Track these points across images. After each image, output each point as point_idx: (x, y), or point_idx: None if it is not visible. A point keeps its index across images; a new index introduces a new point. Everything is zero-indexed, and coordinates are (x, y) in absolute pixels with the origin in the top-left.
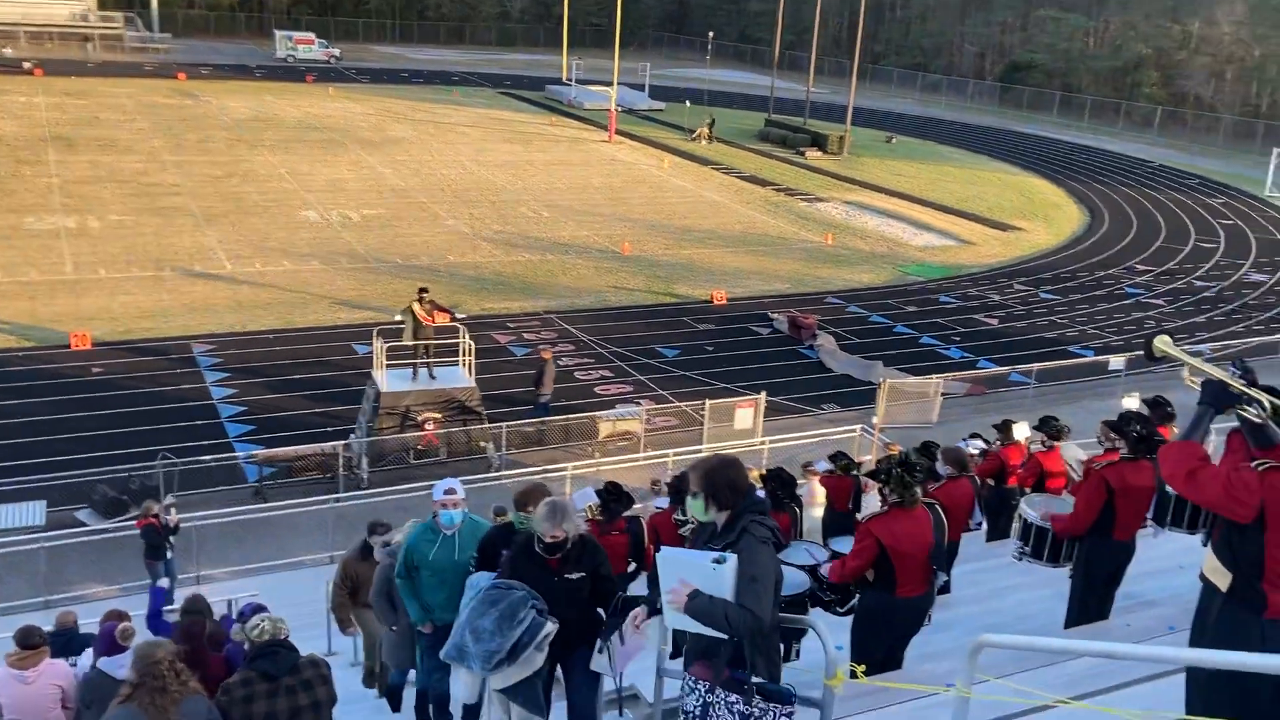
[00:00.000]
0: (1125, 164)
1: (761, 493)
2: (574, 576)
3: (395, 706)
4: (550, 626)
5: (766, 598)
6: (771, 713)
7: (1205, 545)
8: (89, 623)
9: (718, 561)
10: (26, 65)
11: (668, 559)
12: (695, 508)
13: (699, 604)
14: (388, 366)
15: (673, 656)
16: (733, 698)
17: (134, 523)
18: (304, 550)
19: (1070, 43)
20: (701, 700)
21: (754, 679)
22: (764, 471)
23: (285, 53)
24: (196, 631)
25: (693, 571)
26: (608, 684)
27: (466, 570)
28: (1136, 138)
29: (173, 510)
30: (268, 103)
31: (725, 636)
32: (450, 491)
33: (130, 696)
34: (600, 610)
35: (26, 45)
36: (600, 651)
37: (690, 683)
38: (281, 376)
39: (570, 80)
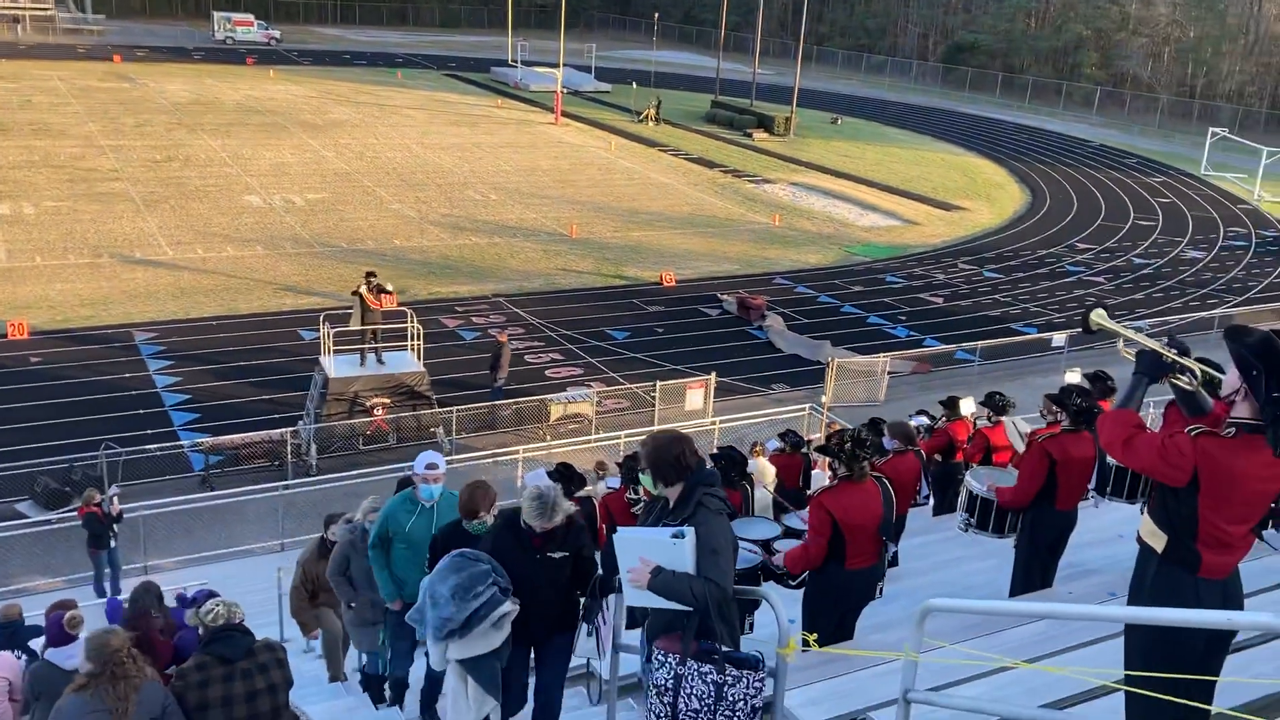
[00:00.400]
0: (1066, 144)
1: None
2: (556, 555)
3: (379, 697)
4: (509, 606)
5: (728, 567)
6: (745, 679)
7: (1142, 512)
8: (34, 614)
9: (677, 536)
10: None
11: (625, 539)
12: (646, 482)
13: (663, 580)
14: (335, 352)
15: (629, 627)
16: (705, 668)
17: (75, 512)
18: (253, 538)
19: (1012, 23)
20: (672, 673)
21: (722, 648)
22: (714, 451)
23: (224, 34)
24: (144, 620)
25: (652, 549)
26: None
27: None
28: (1077, 118)
29: (115, 498)
30: (207, 85)
31: (689, 609)
32: (431, 466)
33: (86, 685)
34: (580, 594)
35: None
36: (589, 635)
37: (660, 657)
38: (226, 364)
39: (515, 62)
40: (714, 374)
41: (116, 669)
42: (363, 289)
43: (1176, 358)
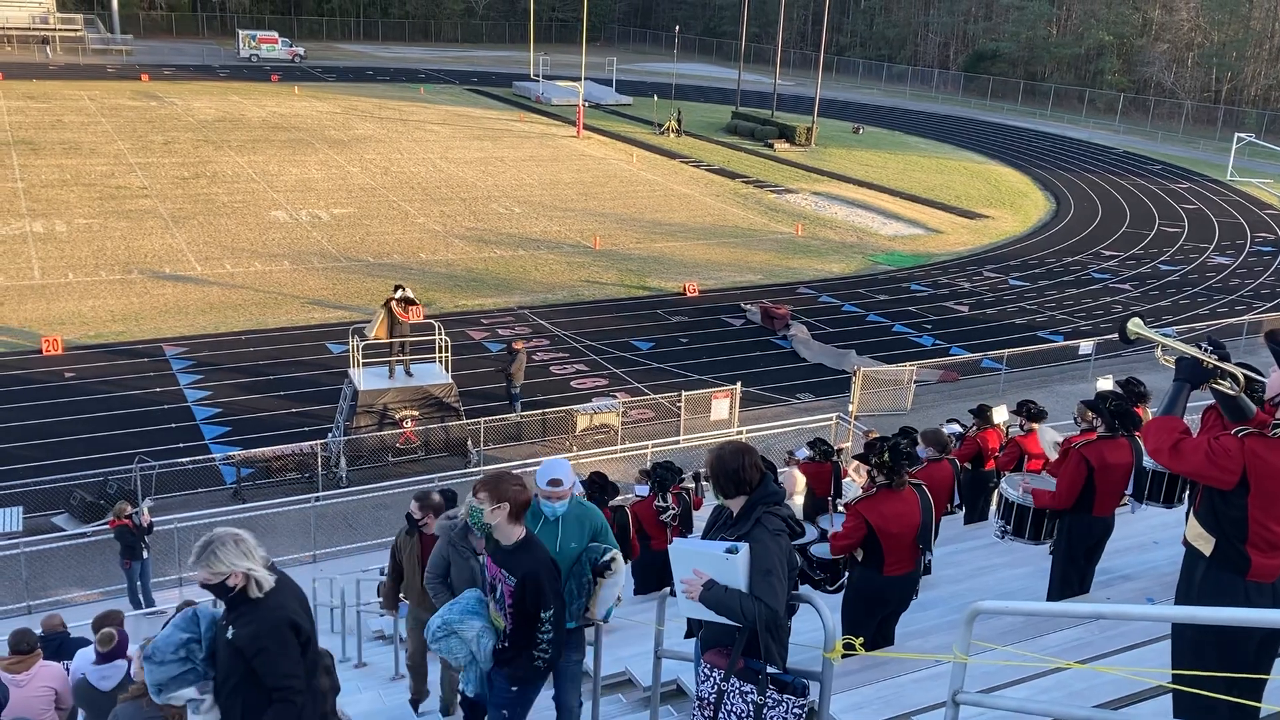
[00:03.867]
0: (1089, 151)
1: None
2: (231, 635)
3: None
4: (194, 694)
5: (780, 589)
6: (784, 704)
7: (1185, 519)
8: (76, 625)
9: (730, 552)
10: None
11: (680, 550)
12: (712, 490)
13: (714, 595)
14: (364, 365)
15: (686, 636)
16: (747, 687)
17: (108, 525)
18: (285, 550)
19: (1033, 31)
20: (715, 687)
21: (769, 669)
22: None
23: (249, 52)
24: None
25: (706, 562)
26: (605, 668)
27: (574, 561)
28: (1100, 125)
29: (145, 510)
30: (233, 103)
31: (740, 625)
32: (555, 483)
33: (143, 694)
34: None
35: None
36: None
37: (705, 670)
38: (256, 377)
39: (537, 76)
40: (739, 384)
41: None
42: (391, 302)
43: (1217, 363)
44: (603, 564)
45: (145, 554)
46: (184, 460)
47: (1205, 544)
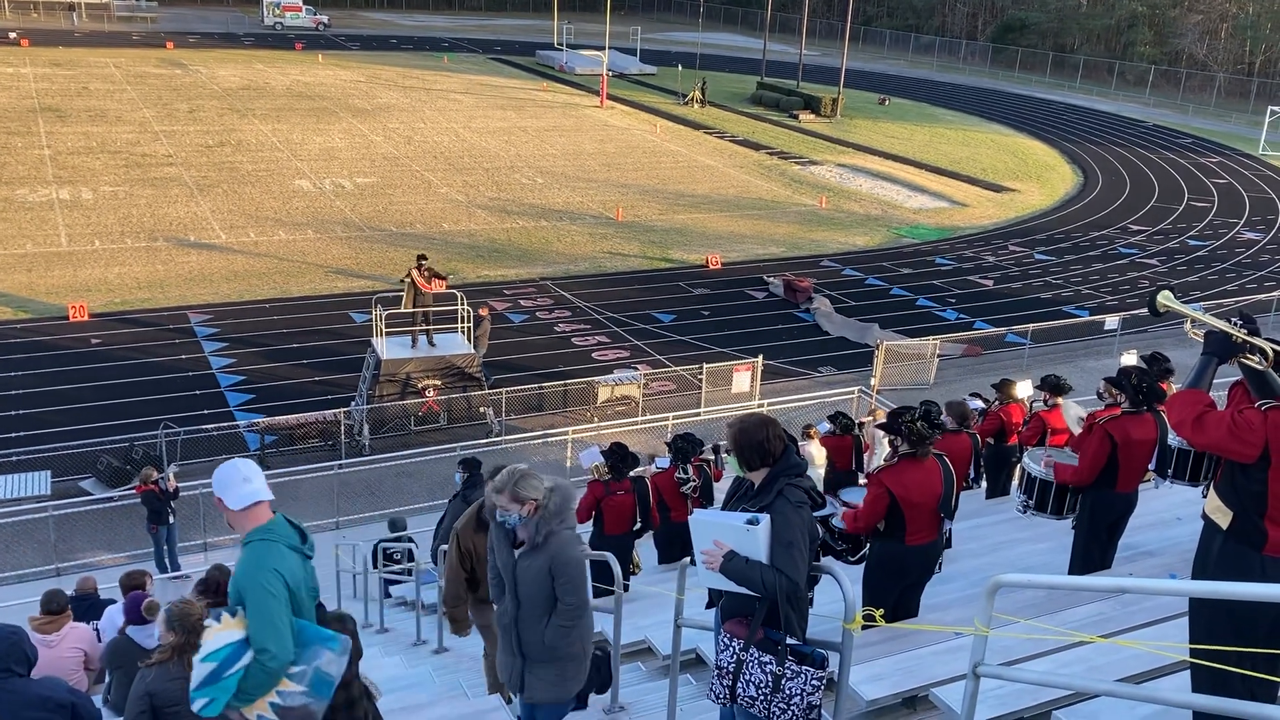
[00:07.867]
0: (1118, 124)
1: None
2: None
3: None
4: None
5: (801, 561)
6: (803, 675)
7: (1205, 496)
8: (106, 588)
9: (751, 523)
10: (12, 35)
11: (701, 521)
12: (731, 463)
13: (735, 566)
14: (387, 334)
15: (707, 606)
16: (766, 657)
17: (134, 489)
18: (308, 517)
19: (1063, 2)
20: (735, 657)
21: (788, 640)
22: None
23: (273, 20)
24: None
25: (726, 533)
26: (625, 636)
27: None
28: (1130, 98)
29: (171, 475)
30: (257, 71)
31: (760, 596)
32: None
33: (169, 657)
34: None
35: (11, 15)
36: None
37: (725, 639)
38: (280, 345)
39: (561, 45)
40: (761, 357)
41: (195, 638)
42: (414, 272)
43: (1246, 337)
44: None
45: (171, 519)
46: (208, 427)
47: (1223, 517)
